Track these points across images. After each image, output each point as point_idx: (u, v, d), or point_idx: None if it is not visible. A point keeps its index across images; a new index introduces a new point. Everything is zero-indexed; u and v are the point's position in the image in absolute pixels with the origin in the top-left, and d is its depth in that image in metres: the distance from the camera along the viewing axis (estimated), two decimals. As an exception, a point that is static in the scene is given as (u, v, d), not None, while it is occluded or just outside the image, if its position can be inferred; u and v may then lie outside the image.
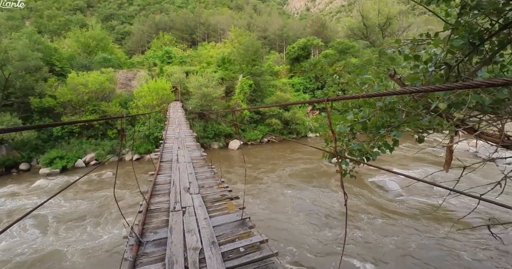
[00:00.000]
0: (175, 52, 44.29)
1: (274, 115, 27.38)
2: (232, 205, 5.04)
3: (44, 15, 71.99)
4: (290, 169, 18.18)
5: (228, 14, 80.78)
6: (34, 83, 23.43)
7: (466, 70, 2.94)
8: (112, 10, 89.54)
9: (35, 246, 9.82)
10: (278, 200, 13.26)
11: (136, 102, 24.41)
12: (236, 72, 30.78)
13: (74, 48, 36.01)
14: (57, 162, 19.89)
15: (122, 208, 12.46)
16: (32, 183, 17.20)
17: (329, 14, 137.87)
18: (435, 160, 18.78)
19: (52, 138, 22.57)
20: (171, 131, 15.00)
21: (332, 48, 39.80)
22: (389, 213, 11.50)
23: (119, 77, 30.51)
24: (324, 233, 9.90)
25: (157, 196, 5.60)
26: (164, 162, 8.52)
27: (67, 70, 26.84)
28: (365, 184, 15.15)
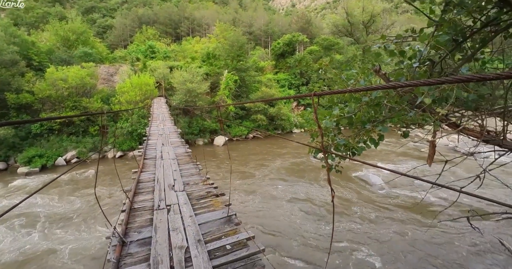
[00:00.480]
0: (159, 46, 43.36)
1: (259, 111, 27.34)
2: (218, 202, 4.98)
3: (20, 7, 68.78)
4: (277, 164, 18.26)
5: (213, 9, 79.68)
6: (11, 78, 22.34)
7: (448, 66, 2.99)
8: (93, 2, 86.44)
9: (17, 246, 9.49)
10: (265, 196, 13.25)
11: (118, 98, 23.77)
12: (221, 67, 30.46)
13: (53, 41, 34.59)
14: (36, 161, 19.10)
15: (107, 206, 12.29)
16: (9, 182, 16.52)
17: (314, 11, 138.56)
18: (418, 154, 19.32)
19: (30, 136, 21.68)
20: (155, 128, 14.74)
21: (317, 44, 40.04)
22: (373, 206, 11.75)
23: (100, 72, 29.63)
24: (312, 227, 9.99)
25: (141, 194, 5.46)
26: (148, 159, 8.35)
27: (46, 65, 25.78)
28: (350, 178, 15.40)
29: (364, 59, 33.39)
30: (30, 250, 9.23)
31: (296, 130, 30.23)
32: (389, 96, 2.64)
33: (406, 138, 2.72)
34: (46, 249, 9.27)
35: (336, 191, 13.67)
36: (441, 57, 2.79)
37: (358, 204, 12.07)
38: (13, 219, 11.37)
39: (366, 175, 15.53)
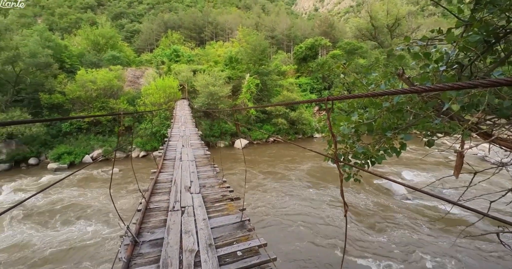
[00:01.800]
0: (183, 50, 44.33)
1: (280, 114, 27.18)
2: (232, 206, 4.91)
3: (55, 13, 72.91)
4: (295, 169, 18.01)
5: (236, 14, 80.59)
6: (44, 80, 23.68)
7: (479, 70, 2.75)
8: (122, 8, 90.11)
9: (38, 238, 9.91)
10: (282, 201, 13.03)
11: (143, 99, 24.45)
12: (243, 71, 30.63)
13: (84, 45, 36.25)
14: (65, 158, 20.08)
15: (127, 204, 12.55)
16: (40, 177, 17.42)
17: (337, 15, 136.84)
18: (444, 163, 18.41)
19: (61, 134, 22.78)
20: (176, 129, 14.95)
21: (340, 48, 39.42)
22: (394, 217, 11.23)
23: (127, 75, 30.64)
24: (326, 238, 9.65)
25: (157, 194, 5.49)
26: (167, 160, 8.44)
27: (77, 67, 26.99)
28: (371, 185, 14.87)
29: (388, 63, 32.44)
30: (47, 241, 9.61)
31: (317, 135, 29.77)
32: (412, 102, 2.45)
33: (430, 147, 2.51)
34: (62, 241, 9.66)
35: (356, 198, 13.25)
36: (470, 60, 2.57)
37: (378, 214, 11.58)
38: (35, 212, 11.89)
39: (388, 183, 14.89)
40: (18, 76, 22.01)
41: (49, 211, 12.29)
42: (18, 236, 10.08)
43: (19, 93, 22.82)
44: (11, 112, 19.90)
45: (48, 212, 12.19)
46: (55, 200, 13.56)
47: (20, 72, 21.98)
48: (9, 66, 21.42)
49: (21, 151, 20.58)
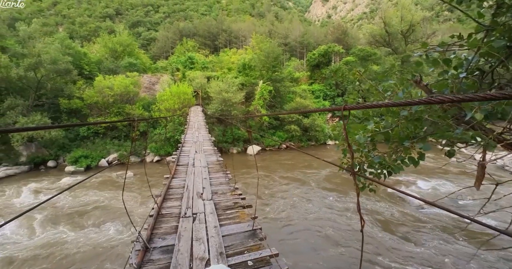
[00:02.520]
0: (198, 57, 44.97)
1: (293, 121, 27.05)
2: (244, 214, 4.84)
3: (76, 22, 75.61)
4: (310, 176, 17.77)
5: (250, 21, 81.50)
6: (64, 85, 24.45)
7: (500, 77, 2.63)
8: (139, 17, 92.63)
9: (52, 239, 10.09)
10: (296, 209, 12.78)
11: (158, 105, 24.85)
12: (256, 78, 30.78)
13: (102, 53, 37.31)
14: (82, 161, 20.53)
15: (138, 209, 12.64)
16: (57, 180, 17.84)
17: (350, 21, 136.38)
18: (462, 172, 17.78)
19: (78, 138, 23.40)
20: (190, 135, 15.06)
21: (353, 55, 39.15)
22: (409, 227, 10.80)
23: (143, 81, 31.26)
24: (340, 249, 9.35)
25: (169, 200, 5.49)
26: (180, 165, 8.46)
27: (95, 74, 27.79)
28: (386, 193, 14.46)
29: (403, 69, 31.92)
30: (58, 242, 9.74)
31: (330, 142, 29.43)
32: (431, 110, 2.35)
33: (451, 157, 2.38)
34: (75, 243, 9.76)
35: (370, 206, 12.93)
36: (492, 66, 2.46)
37: (392, 223, 11.20)
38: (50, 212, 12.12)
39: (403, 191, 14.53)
40: (39, 82, 22.78)
41: (65, 213, 12.52)
42: (31, 236, 10.31)
43: (40, 98, 23.62)
44: (32, 117, 20.60)
45: (65, 214, 12.42)
46: (71, 202, 13.81)
47: (42, 78, 22.74)
48: (31, 72, 22.19)
49: (40, 154, 21.28)
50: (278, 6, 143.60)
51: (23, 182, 17.42)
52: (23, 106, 21.64)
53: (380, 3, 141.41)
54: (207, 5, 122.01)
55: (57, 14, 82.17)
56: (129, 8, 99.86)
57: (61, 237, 10.30)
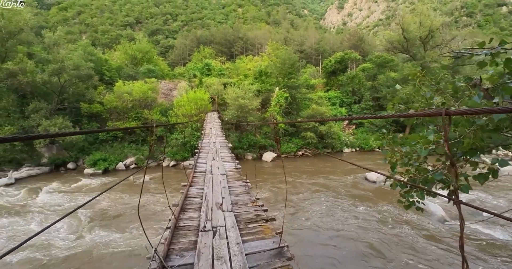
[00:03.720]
0: (214, 64, 45.35)
1: (309, 128, 26.62)
2: (268, 229, 4.40)
3: (98, 30, 78.13)
4: (326, 185, 17.12)
5: (266, 29, 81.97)
6: (85, 90, 24.97)
7: None
8: (158, 25, 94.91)
9: (70, 243, 10.00)
10: (320, 220, 11.96)
11: (175, 111, 24.98)
12: (272, 84, 30.60)
13: (122, 59, 38.13)
14: (100, 164, 20.80)
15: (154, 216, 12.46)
16: (77, 181, 18.11)
17: (366, 28, 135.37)
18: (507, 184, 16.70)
19: (97, 141, 23.76)
20: (207, 141, 14.87)
21: (370, 61, 38.53)
22: (430, 242, 9.90)
23: (161, 87, 31.62)
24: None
25: (187, 211, 5.16)
26: (198, 173, 8.18)
27: (115, 80, 28.31)
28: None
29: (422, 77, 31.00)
30: (77, 246, 9.62)
31: (347, 150, 28.79)
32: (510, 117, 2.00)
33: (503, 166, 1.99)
34: (90, 247, 9.63)
35: (384, 218, 12.26)
36: None
37: (412, 236, 10.35)
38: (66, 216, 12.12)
39: (423, 201, 13.69)
40: (62, 86, 23.31)
41: (90, 216, 12.53)
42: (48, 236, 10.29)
43: (63, 103, 24.16)
44: (54, 120, 21.09)
45: (89, 218, 12.41)
46: (95, 204, 13.84)
47: (64, 83, 23.25)
48: (55, 77, 22.78)
49: (61, 155, 21.74)
50: (294, 14, 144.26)
51: (44, 182, 17.85)
52: (47, 110, 22.19)
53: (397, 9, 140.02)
54: (224, 14, 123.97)
55: (81, 23, 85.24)
56: (148, 17, 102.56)
57: (83, 239, 10.27)
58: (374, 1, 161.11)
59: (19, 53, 21.58)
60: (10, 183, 17.53)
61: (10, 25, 22.18)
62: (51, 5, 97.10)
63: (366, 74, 36.40)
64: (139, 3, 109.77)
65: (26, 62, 21.40)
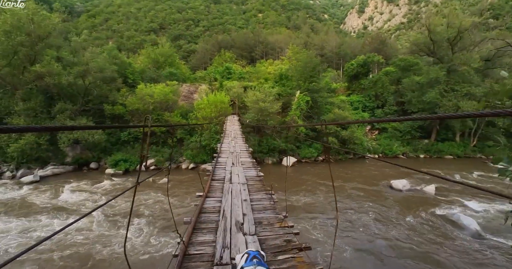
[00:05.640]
0: (235, 68, 45.00)
1: (331, 133, 25.46)
2: (302, 264, 3.27)
3: (124, 36, 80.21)
4: (351, 194, 16.03)
5: (286, 34, 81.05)
6: (109, 92, 25.05)
7: None
8: (180, 31, 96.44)
9: (89, 239, 9.97)
10: (365, 239, 10.53)
11: (195, 113, 24.63)
12: (293, 88, 29.63)
13: (145, 63, 38.46)
14: (121, 164, 20.76)
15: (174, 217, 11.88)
16: (98, 181, 18.11)
17: (387, 32, 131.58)
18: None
19: (119, 142, 23.74)
20: (226, 145, 14.16)
21: (393, 65, 36.82)
22: (465, 261, 8.65)
23: (182, 90, 31.45)
24: None
25: (200, 232, 4.17)
26: (215, 180, 7.31)
27: (138, 82, 28.31)
28: (432, 215, 12.33)
29: (450, 80, 29.21)
30: (95, 242, 9.50)
31: (369, 155, 27.41)
32: None
33: None
34: (106, 244, 9.30)
35: (411, 230, 11.12)
36: None
37: (445, 254, 9.06)
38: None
39: (455, 215, 12.13)
40: (87, 88, 23.47)
41: (108, 215, 12.31)
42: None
43: (87, 104, 24.36)
44: (78, 120, 21.24)
45: (107, 216, 12.16)
46: (112, 204, 13.61)
47: (89, 85, 23.38)
48: (80, 80, 23.01)
49: (84, 155, 21.83)
50: (314, 18, 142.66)
51: (68, 180, 18.09)
52: (72, 111, 22.40)
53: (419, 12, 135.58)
54: (245, 19, 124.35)
55: (108, 29, 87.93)
56: (171, 23, 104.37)
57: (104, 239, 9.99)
58: (395, 5, 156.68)
59: (47, 56, 22.01)
60: (35, 181, 17.78)
61: (39, 29, 22.60)
62: (81, 12, 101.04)
63: (389, 78, 34.76)
64: (162, 10, 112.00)
65: (53, 64, 21.73)
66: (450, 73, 29.62)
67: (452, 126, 29.55)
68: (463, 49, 32.34)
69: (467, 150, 28.44)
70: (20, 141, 19.30)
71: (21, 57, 21.98)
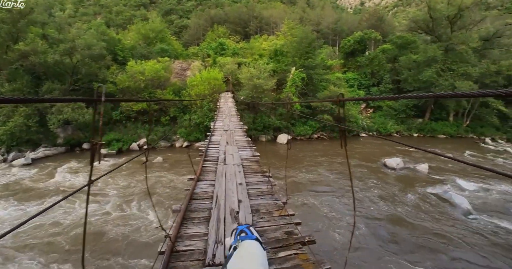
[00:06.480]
0: (228, 44, 43.28)
1: (326, 110, 24.99)
2: (307, 263, 2.79)
3: (112, 11, 76.16)
4: (342, 169, 15.84)
5: (281, 8, 77.68)
6: (98, 71, 23.87)
7: None
8: (171, 5, 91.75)
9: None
10: (333, 215, 10.55)
11: (188, 91, 23.77)
12: (288, 64, 28.61)
13: (135, 39, 36.65)
14: (114, 144, 20.22)
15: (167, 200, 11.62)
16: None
17: (385, 9, 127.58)
18: None
19: (111, 122, 22.96)
20: (220, 123, 13.54)
21: (390, 42, 35.71)
22: (456, 238, 8.66)
23: (174, 67, 30.24)
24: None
25: (191, 223, 3.61)
26: (208, 161, 6.72)
27: (128, 59, 26.98)
28: (425, 194, 12.30)
29: (447, 59, 28.45)
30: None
31: (364, 134, 27.19)
32: None
33: None
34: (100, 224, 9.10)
35: (404, 208, 11.04)
36: None
37: (436, 231, 9.08)
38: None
39: (447, 193, 12.16)
40: (75, 67, 22.29)
41: (103, 195, 12.03)
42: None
43: (76, 83, 23.25)
44: (66, 100, 20.27)
45: (102, 196, 11.89)
46: (109, 184, 13.27)
47: (77, 63, 22.19)
48: (67, 58, 21.76)
49: (75, 136, 21.07)
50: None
51: (60, 162, 17.44)
52: (60, 90, 21.38)
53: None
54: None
55: (95, 4, 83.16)
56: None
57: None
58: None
59: (31, 34, 20.62)
60: (27, 164, 17.05)
61: (20, 4, 21.05)
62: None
63: (386, 56, 33.83)
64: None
65: (38, 42, 20.39)
66: (448, 52, 28.81)
67: (446, 105, 29.23)
68: (462, 28, 31.16)
69: (460, 130, 28.36)
70: (9, 123, 18.42)
71: (3, 35, 20.64)
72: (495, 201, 11.90)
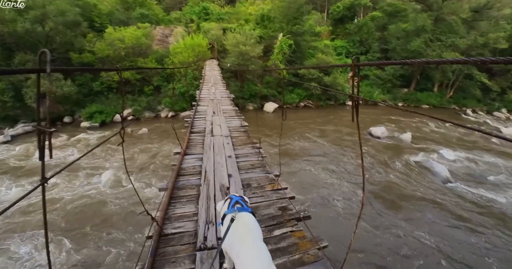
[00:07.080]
0: (213, 8, 40.54)
1: (313, 78, 24.33)
2: (304, 241, 2.58)
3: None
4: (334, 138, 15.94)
5: (268, -30, 73.05)
6: (74, 39, 22.01)
7: None
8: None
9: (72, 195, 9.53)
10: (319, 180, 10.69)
11: (172, 58, 22.51)
12: (275, 30, 27.22)
13: (112, 4, 33.67)
14: (96, 117, 19.31)
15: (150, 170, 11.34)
16: (74, 135, 16.81)
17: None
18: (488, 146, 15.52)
19: (92, 93, 21.77)
20: (206, 91, 12.92)
21: (380, 10, 34.38)
22: (433, 204, 9.05)
23: (156, 34, 28.36)
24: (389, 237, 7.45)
25: (179, 202, 3.31)
26: (195, 133, 6.35)
27: (106, 26, 24.85)
28: (408, 163, 12.60)
29: (436, 29, 27.71)
30: (79, 197, 9.19)
31: (350, 102, 27.05)
32: None
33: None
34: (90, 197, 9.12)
35: (389, 175, 11.31)
36: None
37: (414, 197, 9.44)
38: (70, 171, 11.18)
39: (428, 162, 12.54)
40: (48, 35, 20.48)
41: (90, 168, 11.76)
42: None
43: (52, 53, 21.26)
44: (43, 72, 18.85)
45: (89, 170, 11.62)
46: (94, 157, 12.86)
47: (50, 32, 20.35)
48: (39, 26, 19.86)
49: (55, 110, 19.89)
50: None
51: (40, 138, 16.53)
52: (34, 62, 19.79)
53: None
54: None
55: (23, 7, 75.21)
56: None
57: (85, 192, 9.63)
58: None
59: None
60: (7, 141, 16.03)
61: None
62: None
63: (375, 24, 32.72)
64: None
65: (4, 10, 18.41)
66: (438, 22, 27.98)
67: (432, 76, 29.08)
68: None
69: (443, 100, 28.53)
70: (-18, 100, 17.14)
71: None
72: (474, 170, 12.29)
